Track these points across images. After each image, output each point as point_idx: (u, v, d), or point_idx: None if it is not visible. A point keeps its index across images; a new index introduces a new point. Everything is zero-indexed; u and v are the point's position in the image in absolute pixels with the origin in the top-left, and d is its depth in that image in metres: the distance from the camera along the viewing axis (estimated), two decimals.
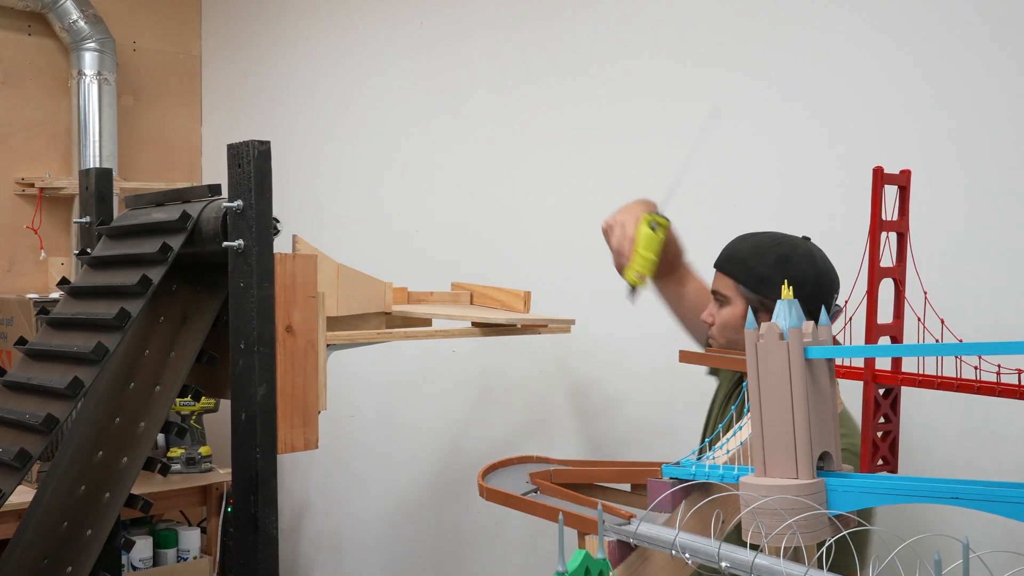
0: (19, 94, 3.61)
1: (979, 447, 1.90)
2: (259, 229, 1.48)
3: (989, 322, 1.87)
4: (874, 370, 1.20)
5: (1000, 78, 1.89)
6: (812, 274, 1.72)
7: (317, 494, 3.46)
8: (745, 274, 1.75)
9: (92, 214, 1.85)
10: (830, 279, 1.75)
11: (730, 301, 1.78)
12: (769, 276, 1.72)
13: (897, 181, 1.23)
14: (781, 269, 1.71)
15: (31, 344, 1.62)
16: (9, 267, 3.61)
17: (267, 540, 1.47)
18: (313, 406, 1.56)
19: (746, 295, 1.76)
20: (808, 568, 0.97)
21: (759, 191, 2.24)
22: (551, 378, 2.72)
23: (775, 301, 1.74)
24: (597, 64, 2.58)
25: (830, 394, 1.12)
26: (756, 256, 1.75)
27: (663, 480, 1.24)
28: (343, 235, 3.29)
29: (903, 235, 1.24)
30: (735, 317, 1.76)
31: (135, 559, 3.19)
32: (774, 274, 1.71)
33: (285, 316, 1.52)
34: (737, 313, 1.76)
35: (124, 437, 1.64)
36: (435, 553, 3.02)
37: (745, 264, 1.76)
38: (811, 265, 1.73)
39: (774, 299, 1.62)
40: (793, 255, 1.73)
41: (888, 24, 2.03)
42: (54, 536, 1.59)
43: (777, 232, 1.82)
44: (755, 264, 1.74)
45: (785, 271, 1.71)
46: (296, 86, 3.56)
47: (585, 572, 0.96)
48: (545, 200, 2.71)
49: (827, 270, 1.76)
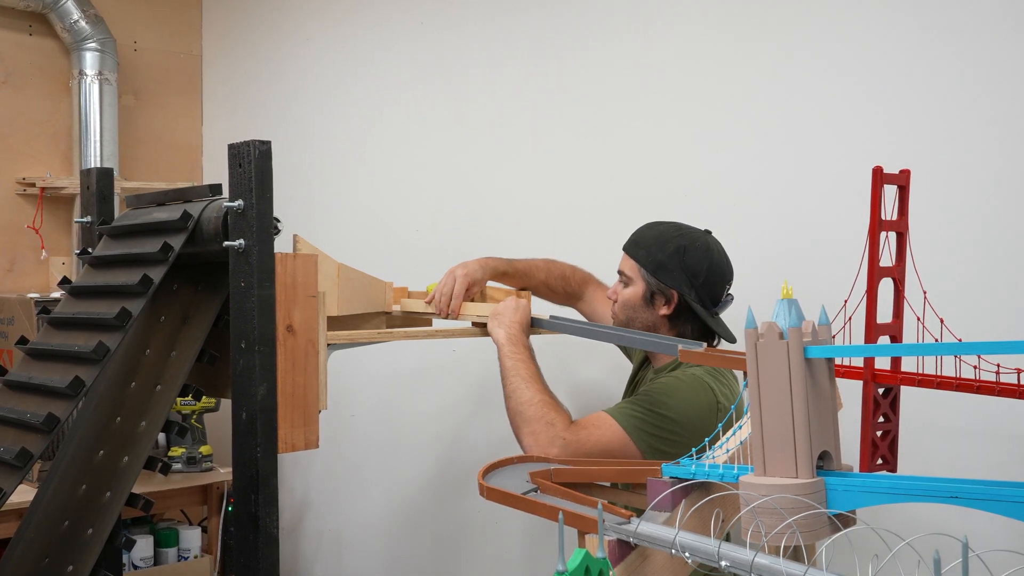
0: (20, 94, 3.62)
1: (979, 447, 1.90)
2: (260, 229, 1.48)
3: (989, 322, 1.87)
4: (874, 369, 1.20)
5: (1000, 78, 1.89)
6: (706, 265, 1.91)
7: (317, 493, 3.46)
8: (647, 259, 1.93)
9: (93, 214, 1.85)
10: (722, 271, 1.94)
11: (632, 282, 1.96)
12: (667, 263, 1.91)
13: (897, 181, 1.24)
14: (679, 258, 1.90)
15: (32, 343, 1.62)
16: (10, 267, 3.61)
17: (268, 539, 1.47)
18: (313, 405, 1.56)
19: (646, 279, 1.94)
20: (808, 568, 0.97)
21: (759, 190, 2.24)
22: (551, 378, 2.71)
23: (670, 287, 1.92)
24: (597, 65, 2.58)
25: (830, 394, 1.12)
26: (658, 244, 1.93)
27: (663, 479, 1.24)
28: (343, 235, 3.29)
29: (903, 235, 1.24)
30: (635, 297, 1.95)
31: (136, 558, 3.19)
32: (671, 262, 1.90)
33: (286, 316, 1.52)
34: (637, 294, 1.95)
35: (125, 436, 1.65)
36: (435, 552, 3.02)
37: (648, 250, 1.94)
38: (706, 257, 1.91)
39: (670, 285, 1.91)
40: (691, 247, 1.91)
41: (888, 24, 2.04)
42: (55, 535, 1.59)
43: (681, 223, 1.99)
44: (656, 251, 1.93)
45: (682, 260, 1.90)
46: (296, 86, 3.56)
47: (585, 571, 0.96)
48: (545, 200, 2.71)
49: (721, 263, 1.93)
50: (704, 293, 1.92)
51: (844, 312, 1.23)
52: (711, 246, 1.94)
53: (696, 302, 1.92)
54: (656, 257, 1.92)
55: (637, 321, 1.95)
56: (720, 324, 1.94)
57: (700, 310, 1.92)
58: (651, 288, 1.93)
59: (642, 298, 1.94)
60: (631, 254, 1.97)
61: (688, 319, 1.95)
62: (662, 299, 1.93)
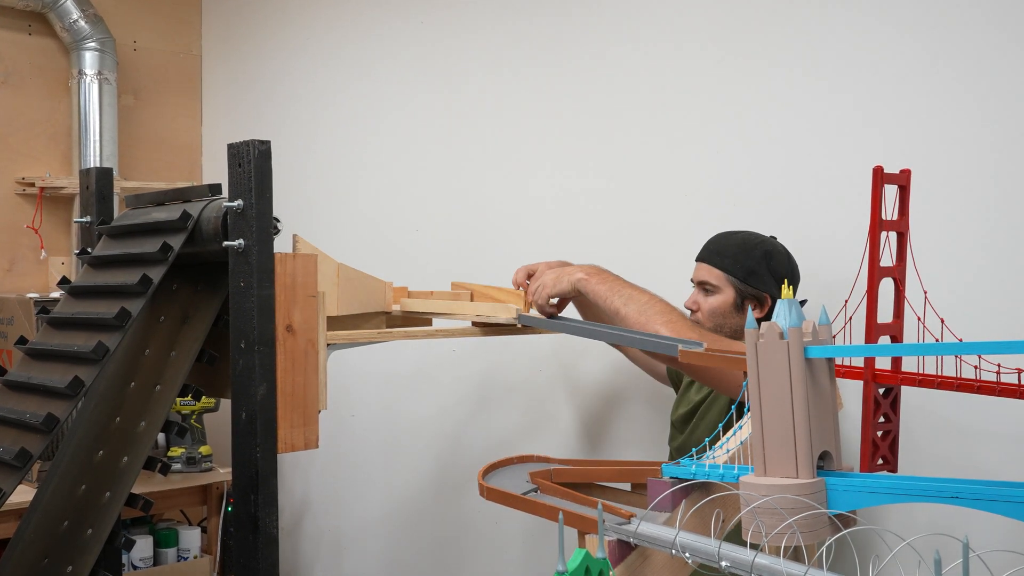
0: (19, 94, 3.61)
1: (979, 447, 1.90)
2: (259, 228, 1.48)
3: (989, 322, 1.87)
4: (874, 369, 1.20)
5: (1000, 78, 1.89)
6: (789, 268, 2.00)
7: (317, 494, 3.46)
8: (734, 267, 1.99)
9: (92, 213, 1.85)
10: (798, 273, 2.03)
11: (719, 290, 2.00)
12: (756, 269, 1.98)
13: (897, 181, 1.24)
14: (766, 263, 1.98)
15: (32, 343, 1.62)
16: (9, 267, 3.61)
17: (267, 539, 1.47)
18: (313, 405, 1.56)
19: (736, 285, 1.99)
20: (808, 568, 0.97)
21: (759, 190, 2.24)
22: (551, 378, 2.72)
23: (763, 291, 1.96)
24: (597, 65, 2.58)
25: (830, 394, 1.12)
26: (743, 251, 2.00)
27: (663, 479, 1.24)
28: (343, 235, 3.29)
29: (903, 234, 1.24)
30: (725, 304, 2.00)
31: (135, 558, 3.19)
32: (760, 267, 1.98)
33: (285, 316, 1.52)
34: (727, 300, 2.00)
35: (124, 436, 1.65)
36: (435, 553, 3.02)
37: (733, 258, 2.00)
38: (788, 260, 2.01)
39: (763, 289, 1.98)
40: (774, 252, 2.00)
41: (889, 24, 2.03)
42: (54, 535, 1.59)
43: (751, 231, 2.06)
44: (743, 258, 1.99)
45: (769, 265, 1.98)
46: (296, 85, 3.56)
47: (585, 571, 0.96)
48: (545, 200, 2.71)
49: (796, 266, 2.04)
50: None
51: (844, 312, 1.23)
52: (788, 251, 2.02)
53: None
54: (745, 264, 1.98)
55: (726, 327, 1.99)
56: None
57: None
58: (742, 295, 1.99)
59: (732, 305, 1.99)
60: (715, 264, 2.01)
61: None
62: (755, 303, 1.99)
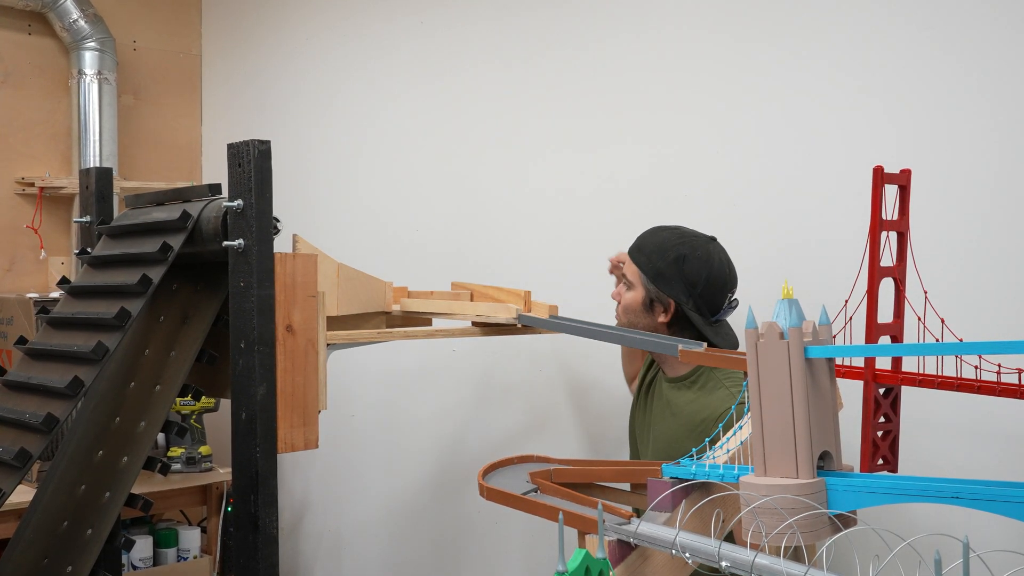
0: (19, 94, 3.61)
1: (979, 447, 1.90)
2: (259, 228, 1.48)
3: (989, 322, 1.87)
4: (874, 369, 1.20)
5: (1000, 78, 1.88)
6: (705, 275, 1.91)
7: (317, 494, 3.46)
8: (647, 266, 1.95)
9: (92, 213, 1.85)
10: (723, 280, 1.94)
11: (633, 287, 1.99)
12: (666, 272, 1.92)
13: (897, 181, 1.23)
14: (678, 267, 1.91)
15: (31, 344, 1.62)
16: (9, 266, 3.61)
17: (267, 539, 1.47)
18: (313, 405, 1.56)
19: (646, 285, 1.96)
20: (808, 568, 0.97)
21: (759, 190, 2.24)
22: (551, 378, 2.72)
23: (668, 296, 1.93)
24: (597, 65, 2.58)
25: (830, 394, 1.12)
26: (659, 252, 1.95)
27: (663, 480, 1.24)
28: (343, 235, 3.29)
29: (903, 234, 1.24)
30: (635, 302, 1.98)
31: (135, 558, 3.19)
32: (670, 271, 1.92)
33: (285, 316, 1.52)
34: (638, 299, 1.98)
35: (124, 436, 1.65)
36: (435, 553, 3.02)
37: (649, 257, 1.96)
38: (706, 266, 1.92)
39: (667, 294, 1.93)
40: (691, 256, 1.92)
41: (889, 24, 2.03)
42: (54, 535, 1.59)
43: (685, 230, 1.99)
44: (656, 259, 1.94)
45: (681, 270, 1.91)
46: (296, 85, 3.56)
47: (585, 571, 0.96)
48: (545, 199, 2.71)
49: (722, 272, 1.94)
50: (702, 302, 1.93)
51: (845, 312, 1.23)
52: (712, 255, 1.94)
53: (693, 311, 1.93)
54: (656, 265, 1.93)
55: (638, 325, 1.98)
56: (718, 332, 1.95)
57: (697, 319, 1.93)
58: (650, 295, 1.95)
59: (642, 304, 1.97)
60: (634, 259, 2.00)
61: (685, 327, 1.96)
62: (660, 307, 1.95)
